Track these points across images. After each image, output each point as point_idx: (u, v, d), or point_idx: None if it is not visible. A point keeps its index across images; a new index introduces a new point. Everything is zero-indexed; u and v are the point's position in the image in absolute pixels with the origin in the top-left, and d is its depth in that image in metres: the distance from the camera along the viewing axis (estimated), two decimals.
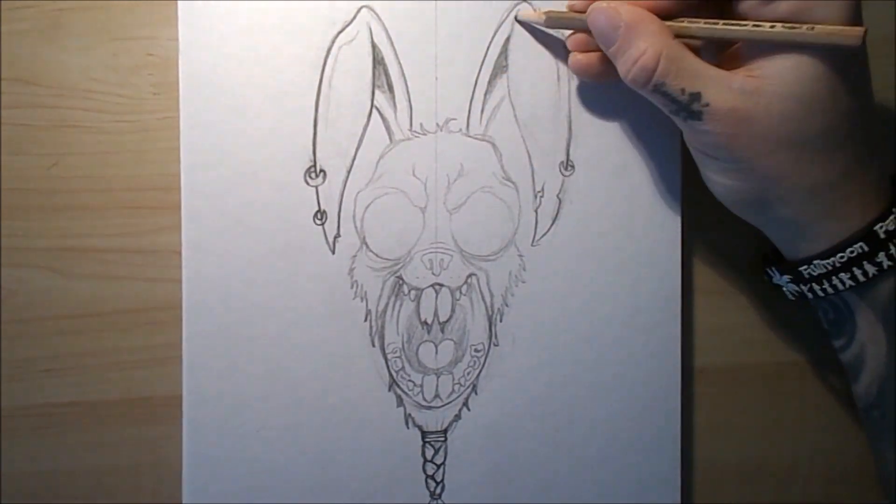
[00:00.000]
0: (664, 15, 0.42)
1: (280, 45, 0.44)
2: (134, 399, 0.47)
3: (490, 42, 0.46)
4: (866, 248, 0.42)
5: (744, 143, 0.40)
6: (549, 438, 0.48)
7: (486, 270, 0.47)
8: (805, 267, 0.44)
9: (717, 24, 0.41)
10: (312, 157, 0.45)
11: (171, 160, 0.44)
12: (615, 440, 0.49)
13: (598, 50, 0.44)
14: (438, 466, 0.48)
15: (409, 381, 0.47)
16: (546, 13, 0.44)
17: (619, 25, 0.41)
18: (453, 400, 0.48)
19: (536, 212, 0.47)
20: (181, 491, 0.45)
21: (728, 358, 0.53)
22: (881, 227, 0.42)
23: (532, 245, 0.47)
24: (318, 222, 0.45)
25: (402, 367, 0.47)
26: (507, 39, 0.46)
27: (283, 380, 0.46)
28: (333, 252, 0.45)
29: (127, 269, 0.46)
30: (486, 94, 0.46)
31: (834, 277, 0.43)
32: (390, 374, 0.47)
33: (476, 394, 0.48)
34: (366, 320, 0.46)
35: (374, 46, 0.45)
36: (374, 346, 0.46)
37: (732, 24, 0.40)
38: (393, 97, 0.45)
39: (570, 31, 0.45)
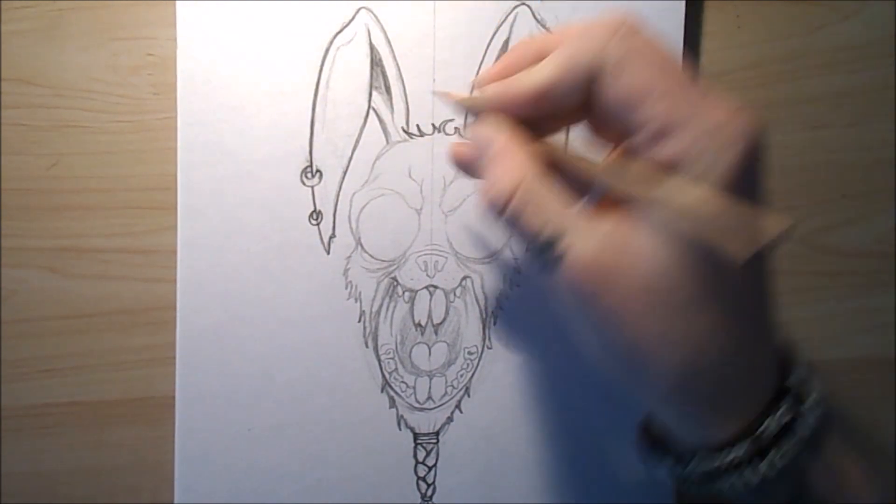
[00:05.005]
0: (551, 128, 0.38)
1: (278, 45, 0.44)
2: (134, 399, 0.47)
3: (488, 44, 0.46)
4: (751, 449, 0.35)
5: (606, 305, 0.34)
6: (541, 441, 0.48)
7: (480, 273, 0.47)
8: (676, 463, 0.38)
9: (593, 164, 0.36)
10: (309, 158, 0.45)
11: (171, 160, 0.44)
12: (608, 443, 0.49)
13: None
14: (430, 468, 0.47)
15: (402, 382, 0.47)
16: (459, 99, 0.41)
17: (490, 143, 0.37)
18: (446, 402, 0.48)
19: None
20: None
21: None
22: (766, 427, 0.35)
23: (527, 249, 0.47)
24: (314, 222, 0.45)
25: (396, 369, 0.47)
26: (506, 42, 0.46)
27: (277, 380, 0.46)
28: (328, 252, 0.45)
29: (127, 269, 0.46)
30: None
31: (717, 480, 0.36)
32: (383, 376, 0.47)
33: (469, 396, 0.48)
34: (360, 321, 0.46)
35: (372, 48, 0.45)
36: (367, 346, 0.46)
37: (609, 170, 0.36)
38: (390, 98, 0.45)
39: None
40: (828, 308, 0.53)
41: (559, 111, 0.36)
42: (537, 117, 0.37)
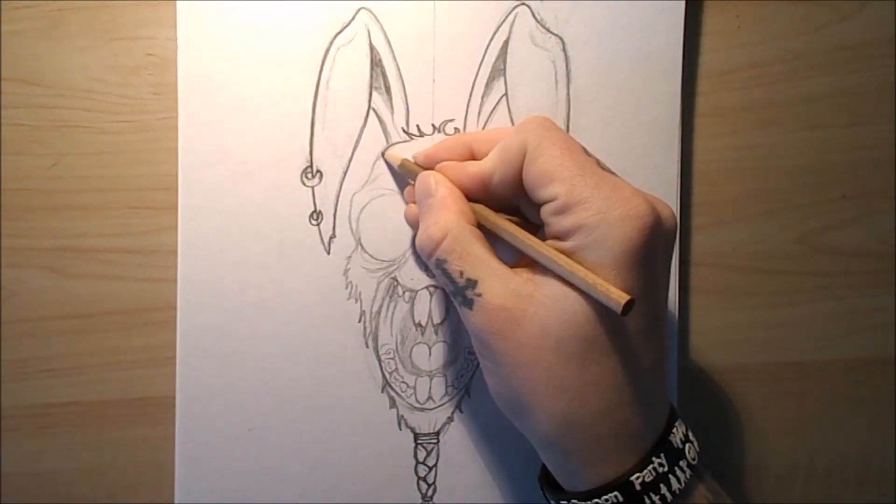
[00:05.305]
0: (479, 197, 0.42)
1: (278, 45, 0.44)
2: (133, 399, 0.47)
3: (488, 45, 0.46)
4: (621, 499, 0.38)
5: (504, 347, 0.38)
6: None
7: None
8: (564, 503, 0.41)
9: (519, 230, 0.40)
10: (309, 158, 0.45)
11: (171, 160, 0.44)
12: None
13: None
14: (430, 468, 0.47)
15: (403, 382, 0.47)
16: (402, 161, 0.45)
17: (430, 195, 0.42)
18: (446, 402, 0.47)
19: None
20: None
21: (728, 358, 0.52)
22: (638, 478, 0.38)
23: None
24: (314, 223, 0.45)
25: (396, 369, 0.47)
26: (506, 42, 0.46)
27: (277, 380, 0.46)
28: (329, 252, 0.45)
29: (126, 269, 0.46)
30: (483, 97, 0.46)
31: None
32: (384, 376, 0.47)
33: (469, 396, 0.48)
34: (360, 321, 0.46)
35: (371, 48, 0.45)
36: (367, 347, 0.46)
37: (525, 236, 0.40)
38: (390, 99, 0.45)
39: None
40: (828, 308, 0.53)
41: (501, 194, 0.42)
42: (482, 198, 0.42)
